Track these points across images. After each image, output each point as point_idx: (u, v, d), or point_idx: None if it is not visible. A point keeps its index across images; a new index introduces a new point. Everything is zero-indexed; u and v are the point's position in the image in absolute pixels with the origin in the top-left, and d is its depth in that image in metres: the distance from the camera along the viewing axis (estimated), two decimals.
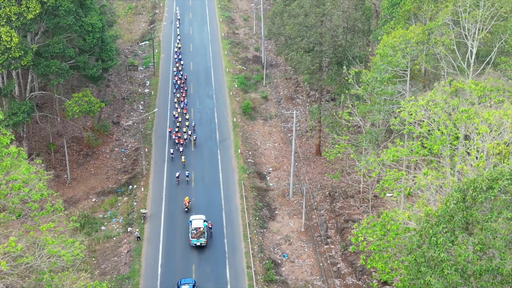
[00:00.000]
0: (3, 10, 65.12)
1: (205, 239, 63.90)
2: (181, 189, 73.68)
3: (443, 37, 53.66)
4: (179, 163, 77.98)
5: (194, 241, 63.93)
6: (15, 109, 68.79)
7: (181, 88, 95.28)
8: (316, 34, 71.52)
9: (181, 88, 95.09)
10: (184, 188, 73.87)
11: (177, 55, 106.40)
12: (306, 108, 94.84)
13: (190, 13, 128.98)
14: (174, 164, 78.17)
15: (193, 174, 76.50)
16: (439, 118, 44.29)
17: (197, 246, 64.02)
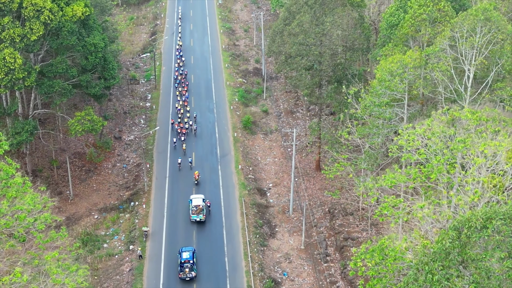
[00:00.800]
0: (7, 32, 66.07)
1: (203, 215, 69.97)
2: (183, 175, 79.67)
3: (440, 63, 54.53)
4: (181, 151, 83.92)
5: (194, 217, 70.21)
6: (19, 129, 69.69)
7: (182, 82, 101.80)
8: (316, 53, 72.38)
9: (182, 83, 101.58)
10: (186, 173, 80.00)
11: (178, 52, 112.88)
12: (306, 122, 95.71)
13: (191, 24, 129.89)
14: (177, 151, 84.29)
15: (194, 190, 77.41)
16: (436, 146, 45.21)
17: (197, 221, 70.25)
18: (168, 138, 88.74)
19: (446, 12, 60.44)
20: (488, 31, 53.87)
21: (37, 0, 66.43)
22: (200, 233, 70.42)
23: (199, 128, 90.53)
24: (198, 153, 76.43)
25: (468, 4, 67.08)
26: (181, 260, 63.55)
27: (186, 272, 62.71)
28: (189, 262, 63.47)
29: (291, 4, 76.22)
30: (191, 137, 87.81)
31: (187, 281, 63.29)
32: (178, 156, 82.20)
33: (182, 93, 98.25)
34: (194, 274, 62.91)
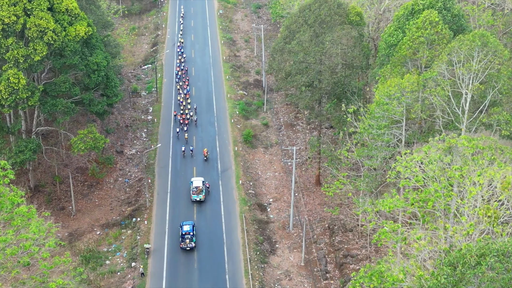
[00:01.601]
0: (11, 52, 66.99)
1: (203, 195, 78.03)
2: (186, 162, 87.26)
3: (438, 88, 55.41)
4: (183, 140, 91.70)
5: (194, 196, 78.07)
6: (22, 147, 70.61)
7: (183, 77, 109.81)
8: (315, 72, 73.26)
9: (183, 78, 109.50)
10: (189, 161, 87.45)
11: (179, 48, 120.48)
12: (306, 136, 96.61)
13: (192, 34, 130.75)
14: (180, 140, 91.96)
15: (195, 207, 78.34)
16: (433, 173, 46.16)
17: (197, 201, 77.98)
18: (169, 152, 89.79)
19: (443, 34, 61.26)
20: (485, 56, 54.75)
21: (41, 21, 67.37)
22: (201, 250, 71.32)
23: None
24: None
25: (465, 25, 67.89)
26: (182, 232, 71.03)
27: (187, 243, 70.29)
28: (189, 234, 70.88)
29: (291, 23, 77.10)
30: (192, 127, 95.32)
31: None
32: (182, 145, 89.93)
33: (183, 87, 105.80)
34: (194, 244, 70.54)
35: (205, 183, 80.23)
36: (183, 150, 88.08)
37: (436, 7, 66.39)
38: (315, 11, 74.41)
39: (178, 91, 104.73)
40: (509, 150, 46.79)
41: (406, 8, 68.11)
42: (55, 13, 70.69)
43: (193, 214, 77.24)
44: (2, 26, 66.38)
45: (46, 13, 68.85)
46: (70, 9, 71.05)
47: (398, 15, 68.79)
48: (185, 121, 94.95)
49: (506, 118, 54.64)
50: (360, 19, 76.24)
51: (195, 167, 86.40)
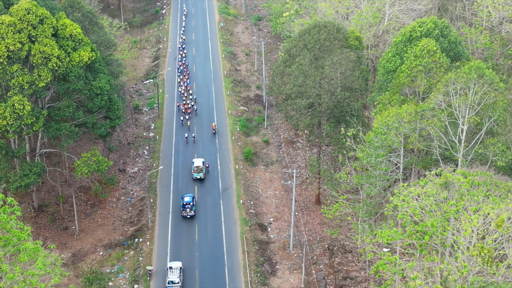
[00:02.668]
0: (16, 79, 68.16)
1: (203, 173, 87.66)
2: (189, 148, 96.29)
3: (435, 119, 56.55)
4: (186, 127, 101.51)
5: (195, 175, 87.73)
6: (26, 171, 71.75)
7: (184, 71, 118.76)
8: (315, 95, 74.41)
9: (184, 72, 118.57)
10: (191, 147, 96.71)
11: (181, 44, 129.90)
12: (306, 153, 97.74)
13: (194, 48, 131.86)
14: (183, 127, 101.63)
15: (197, 227, 79.55)
16: (430, 207, 47.38)
17: (198, 179, 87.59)
18: (171, 171, 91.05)
19: (441, 63, 62.41)
20: (481, 88, 55.91)
21: (45, 48, 68.55)
22: (203, 271, 72.47)
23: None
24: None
25: (462, 51, 69.03)
26: (183, 203, 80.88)
27: (187, 211, 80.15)
28: (190, 204, 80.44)
29: (291, 47, 78.24)
30: (193, 116, 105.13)
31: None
32: (185, 132, 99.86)
33: (184, 80, 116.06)
34: (193, 213, 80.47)
35: (205, 163, 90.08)
36: (186, 137, 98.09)
37: (434, 34, 67.60)
38: (315, 36, 75.54)
39: (179, 84, 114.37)
40: (504, 185, 47.92)
41: (404, 34, 69.27)
42: (59, 38, 71.87)
43: (194, 235, 78.41)
44: (8, 53, 67.53)
45: (51, 39, 70.02)
46: (74, 35, 72.21)
47: (396, 41, 69.94)
48: (187, 110, 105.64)
49: (502, 149, 55.76)
50: (359, 43, 77.37)
51: (196, 153, 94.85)
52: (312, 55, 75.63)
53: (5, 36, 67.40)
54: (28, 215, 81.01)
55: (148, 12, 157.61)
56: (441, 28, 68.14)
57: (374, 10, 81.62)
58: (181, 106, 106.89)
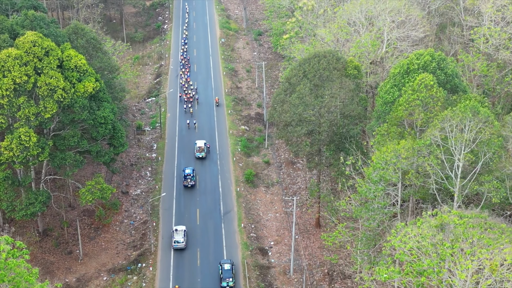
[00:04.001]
0: (22, 111, 69.68)
1: (204, 153, 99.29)
2: (190, 133, 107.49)
3: (431, 156, 58.03)
4: (188, 114, 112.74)
5: (197, 154, 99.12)
6: (32, 199, 73.28)
7: (185, 65, 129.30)
8: (315, 124, 75.90)
9: (185, 66, 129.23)
10: (192, 132, 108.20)
11: (183, 40, 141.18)
12: (306, 174, 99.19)
13: (195, 64, 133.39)
14: (186, 115, 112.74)
15: (199, 252, 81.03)
16: (426, 248, 48.93)
17: (199, 158, 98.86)
18: (173, 194, 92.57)
19: (438, 97, 63.82)
20: (476, 126, 57.38)
21: (51, 80, 70.10)
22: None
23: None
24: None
25: (459, 83, 70.45)
26: (184, 174, 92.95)
27: (188, 181, 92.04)
28: (190, 175, 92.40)
29: (291, 76, 79.73)
30: (194, 105, 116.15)
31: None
32: (187, 118, 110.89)
33: (185, 72, 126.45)
34: (193, 182, 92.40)
35: (206, 144, 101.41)
36: (188, 123, 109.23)
37: (431, 67, 69.02)
38: (315, 66, 77.04)
39: (181, 76, 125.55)
40: (497, 227, 49.41)
41: (401, 66, 70.70)
42: (65, 70, 73.41)
43: (196, 260, 79.85)
44: (14, 86, 69.08)
45: (56, 71, 71.54)
46: (79, 66, 73.75)
47: (394, 72, 71.36)
48: (189, 99, 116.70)
49: (496, 186, 57.23)
50: (357, 72, 78.83)
51: (197, 139, 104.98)
52: (312, 84, 77.11)
53: (11, 69, 68.94)
54: (33, 240, 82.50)
55: (150, 27, 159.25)
56: (438, 61, 69.56)
57: (372, 38, 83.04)
58: (183, 96, 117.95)
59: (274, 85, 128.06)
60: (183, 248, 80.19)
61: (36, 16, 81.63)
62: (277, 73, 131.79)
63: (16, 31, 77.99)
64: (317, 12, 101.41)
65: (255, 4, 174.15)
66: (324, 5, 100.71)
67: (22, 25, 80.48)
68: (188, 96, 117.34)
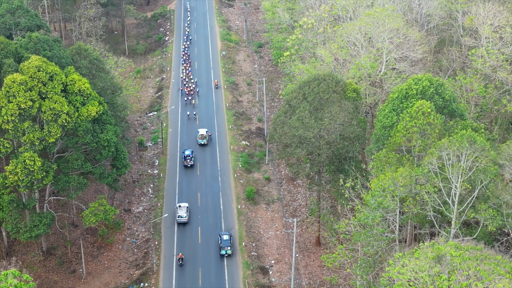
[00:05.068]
0: (27, 136, 70.91)
1: (206, 140, 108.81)
2: (191, 123, 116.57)
3: (428, 185, 59.25)
4: (189, 106, 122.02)
5: (199, 141, 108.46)
6: (36, 222, 74.50)
7: (187, 59, 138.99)
8: (314, 146, 77.14)
9: (186, 61, 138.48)
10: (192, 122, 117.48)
11: (186, 36, 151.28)
12: (306, 190, 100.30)
13: (196, 77, 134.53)
14: (187, 106, 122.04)
15: (200, 272, 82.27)
16: (423, 280, 50.11)
17: (201, 144, 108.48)
18: (174, 211, 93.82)
19: (435, 124, 64.98)
20: (472, 155, 58.60)
21: (55, 105, 71.32)
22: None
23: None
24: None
25: (456, 108, 71.65)
26: (184, 155, 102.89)
27: (188, 162, 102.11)
28: (189, 156, 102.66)
29: (291, 98, 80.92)
30: (195, 97, 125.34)
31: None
32: (188, 110, 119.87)
33: (186, 67, 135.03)
34: (192, 162, 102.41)
35: (207, 132, 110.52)
36: (188, 114, 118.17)
37: (429, 92, 70.28)
38: (314, 89, 78.24)
39: (182, 71, 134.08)
40: (493, 258, 50.59)
41: (400, 91, 71.91)
42: (69, 94, 74.63)
43: (198, 280, 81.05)
44: (19, 111, 70.29)
45: (60, 95, 72.76)
46: (83, 90, 74.97)
47: (392, 97, 72.57)
48: (190, 92, 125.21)
49: (492, 215, 58.44)
50: (356, 94, 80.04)
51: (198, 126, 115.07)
52: (312, 107, 78.31)
53: (17, 94, 70.19)
54: (37, 259, 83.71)
55: (151, 39, 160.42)
56: (436, 86, 70.79)
57: (371, 60, 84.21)
58: (184, 89, 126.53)
59: (275, 98, 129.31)
60: (186, 222, 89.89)
61: (40, 39, 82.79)
62: (277, 86, 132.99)
63: (21, 54, 79.23)
64: (316, 30, 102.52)
65: (255, 15, 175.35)
66: (324, 23, 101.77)
67: (26, 48, 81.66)
68: (188, 89, 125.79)
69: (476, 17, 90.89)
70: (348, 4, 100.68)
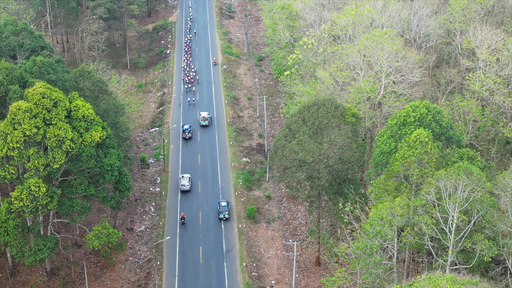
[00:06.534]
0: (32, 162, 72.24)
1: (207, 121, 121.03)
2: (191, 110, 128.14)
3: (426, 216, 60.58)
4: (190, 92, 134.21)
5: (202, 122, 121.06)
6: (41, 246, 75.79)
7: (188, 51, 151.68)
8: (314, 170, 78.45)
9: (188, 51, 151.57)
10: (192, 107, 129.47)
11: (189, 29, 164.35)
12: (306, 208, 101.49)
13: (198, 93, 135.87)
14: (187, 93, 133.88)
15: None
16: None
17: (203, 126, 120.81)
18: (176, 232, 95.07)
19: (433, 154, 66.26)
20: (469, 187, 59.91)
21: (60, 131, 72.62)
22: None
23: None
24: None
25: (454, 135, 72.96)
26: (183, 129, 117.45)
27: (186, 134, 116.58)
28: (188, 130, 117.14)
29: (291, 123, 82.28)
30: (195, 85, 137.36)
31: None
32: (188, 96, 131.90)
33: (187, 58, 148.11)
34: (190, 135, 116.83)
35: (209, 114, 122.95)
36: (189, 100, 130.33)
37: (426, 120, 71.61)
38: (314, 114, 79.57)
39: (184, 61, 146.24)
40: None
41: (398, 118, 73.22)
42: (73, 119, 75.91)
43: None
44: (24, 138, 71.60)
45: (64, 121, 74.05)
46: (86, 115, 76.26)
47: (391, 123, 73.88)
48: (190, 80, 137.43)
49: (488, 245, 59.71)
50: (355, 119, 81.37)
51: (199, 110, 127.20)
52: (311, 131, 79.63)
53: (22, 121, 71.50)
54: (41, 280, 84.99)
55: (153, 52, 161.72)
56: (434, 113, 72.15)
57: (370, 84, 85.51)
58: (186, 78, 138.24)
59: (275, 113, 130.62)
60: (188, 190, 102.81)
61: (44, 62, 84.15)
62: (278, 101, 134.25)
63: (25, 79, 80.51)
64: (316, 50, 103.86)
65: (256, 27, 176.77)
66: (324, 43, 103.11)
67: (31, 72, 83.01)
68: (189, 78, 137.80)
69: (474, 39, 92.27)
70: (347, 24, 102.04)
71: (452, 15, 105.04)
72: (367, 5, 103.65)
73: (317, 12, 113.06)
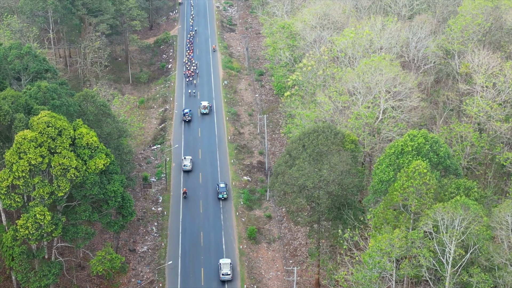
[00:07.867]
0: (37, 190, 73.63)
1: (208, 110, 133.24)
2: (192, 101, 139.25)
3: (424, 249, 61.99)
4: (191, 85, 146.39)
5: (202, 111, 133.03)
6: (46, 271, 77.14)
7: (190, 46, 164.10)
8: (314, 196, 79.89)
9: (191, 46, 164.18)
10: (193, 99, 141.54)
11: (192, 26, 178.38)
12: (306, 228, 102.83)
13: (199, 109, 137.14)
14: (188, 86, 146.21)
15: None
16: None
17: (204, 114, 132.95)
18: (178, 251, 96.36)
19: (431, 185, 67.65)
20: (463, 220, 61.33)
21: (64, 160, 73.96)
22: None
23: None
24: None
25: (451, 164, 74.35)
26: (183, 113, 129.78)
27: (186, 117, 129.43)
28: (188, 113, 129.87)
29: (292, 149, 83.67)
30: (196, 77, 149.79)
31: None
32: (189, 89, 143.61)
33: (189, 53, 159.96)
34: (190, 118, 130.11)
35: (209, 103, 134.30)
36: (189, 92, 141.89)
37: (424, 150, 73.01)
38: (314, 141, 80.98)
39: (186, 56, 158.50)
40: None
41: (396, 147, 74.61)
42: (77, 147, 77.25)
43: None
44: (29, 167, 72.99)
45: (68, 149, 75.37)
46: (90, 143, 77.63)
47: (389, 152, 75.26)
48: (191, 74, 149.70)
49: (484, 278, 61.10)
50: (355, 146, 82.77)
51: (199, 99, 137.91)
52: (311, 157, 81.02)
53: (27, 151, 72.84)
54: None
55: (154, 66, 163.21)
56: (431, 143, 73.52)
57: (369, 110, 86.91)
58: (187, 72, 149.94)
59: (276, 130, 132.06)
60: (190, 170, 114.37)
61: (49, 88, 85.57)
62: (278, 117, 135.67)
63: (30, 106, 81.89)
64: (316, 72, 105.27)
65: (256, 40, 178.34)
66: (323, 65, 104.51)
67: (36, 97, 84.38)
68: (190, 71, 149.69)
69: (471, 63, 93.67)
70: (346, 46, 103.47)
71: (451, 36, 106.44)
72: (366, 27, 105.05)
73: (317, 32, 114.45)
